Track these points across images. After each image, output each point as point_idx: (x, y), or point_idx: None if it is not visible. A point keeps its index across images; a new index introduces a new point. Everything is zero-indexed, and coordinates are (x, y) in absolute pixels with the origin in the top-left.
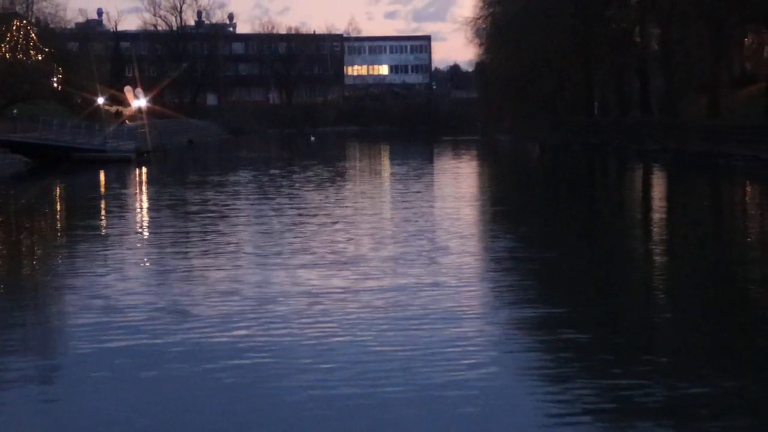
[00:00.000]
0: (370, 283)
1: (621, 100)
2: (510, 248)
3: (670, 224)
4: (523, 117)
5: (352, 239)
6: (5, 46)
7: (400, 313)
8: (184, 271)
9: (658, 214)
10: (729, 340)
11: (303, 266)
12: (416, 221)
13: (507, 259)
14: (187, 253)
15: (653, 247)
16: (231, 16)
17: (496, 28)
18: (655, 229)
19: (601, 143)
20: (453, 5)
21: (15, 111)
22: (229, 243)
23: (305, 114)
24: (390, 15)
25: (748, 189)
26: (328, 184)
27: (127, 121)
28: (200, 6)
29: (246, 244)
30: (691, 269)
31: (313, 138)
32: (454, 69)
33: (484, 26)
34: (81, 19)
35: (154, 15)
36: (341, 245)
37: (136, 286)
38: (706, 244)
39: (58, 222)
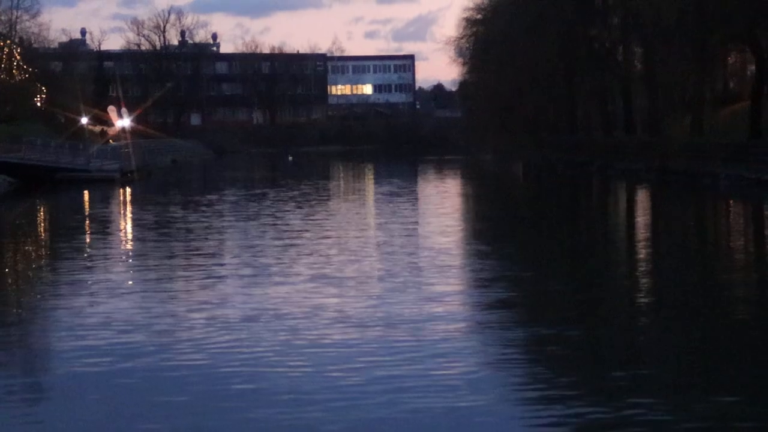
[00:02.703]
0: (348, 306)
1: (605, 119)
2: (492, 269)
3: (652, 245)
4: (507, 136)
5: (329, 263)
6: None
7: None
8: (164, 292)
9: (641, 235)
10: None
11: (280, 285)
12: (394, 244)
13: (488, 279)
14: (168, 274)
15: (636, 268)
16: (214, 36)
17: (479, 48)
18: (638, 250)
19: (585, 162)
20: (433, 24)
21: None
22: (212, 264)
23: (289, 134)
24: (370, 34)
25: (732, 208)
26: (308, 205)
27: (110, 141)
28: (183, 25)
29: (227, 266)
30: (674, 290)
31: (291, 158)
32: (438, 88)
33: (467, 46)
34: (64, 39)
35: (138, 34)
36: (318, 269)
37: (113, 309)
38: (690, 265)
39: (41, 243)
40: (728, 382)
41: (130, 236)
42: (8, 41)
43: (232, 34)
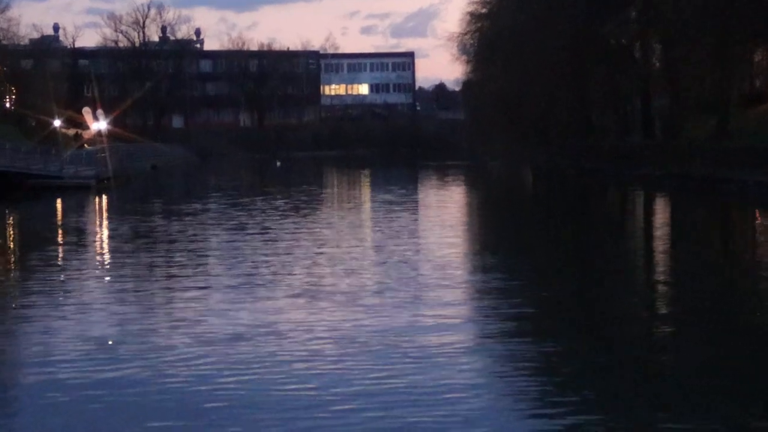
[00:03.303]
0: (349, 322)
1: (620, 122)
2: (499, 283)
3: (674, 260)
4: (514, 140)
5: (321, 277)
6: None
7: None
8: (143, 308)
9: (660, 247)
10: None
11: (267, 301)
12: (395, 259)
13: (494, 295)
14: (147, 289)
15: (655, 284)
16: (198, 32)
17: (484, 45)
18: (658, 265)
19: (599, 168)
20: (434, 19)
21: None
22: (195, 278)
23: (278, 137)
24: (366, 30)
25: (763, 219)
26: (298, 215)
27: (86, 145)
28: (164, 21)
29: (210, 281)
30: (694, 309)
31: (279, 163)
32: (440, 88)
33: (471, 42)
34: (36, 35)
35: (115, 30)
36: (311, 284)
37: (87, 327)
38: (712, 281)
39: (9, 256)
40: (748, 403)
41: (106, 248)
42: None
43: (216, 29)
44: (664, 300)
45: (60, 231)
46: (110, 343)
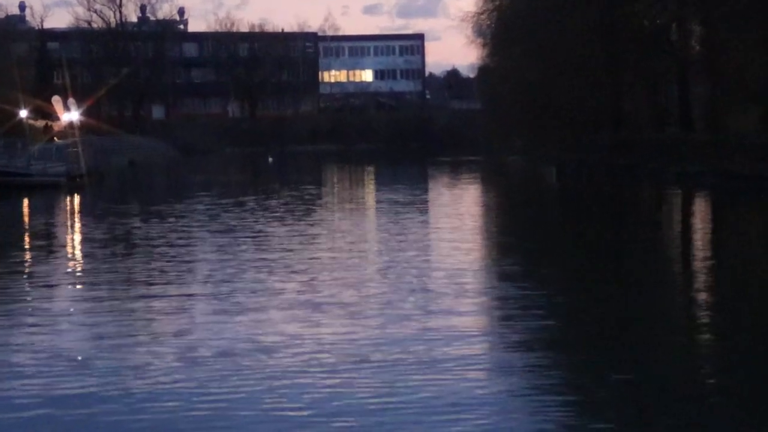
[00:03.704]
0: (354, 335)
1: (656, 113)
2: (520, 295)
3: (714, 268)
4: (536, 133)
5: (320, 287)
6: None
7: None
8: (119, 322)
9: (700, 254)
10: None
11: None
12: (403, 272)
13: (515, 308)
14: (125, 301)
15: (698, 298)
16: (181, 11)
17: (502, 26)
18: (697, 276)
19: (632, 165)
20: None
21: None
22: (178, 288)
23: (272, 130)
24: (370, 9)
25: None
26: (294, 217)
27: (56, 138)
28: None
29: (194, 290)
30: (736, 326)
31: (271, 159)
32: (453, 74)
33: (488, 23)
34: (0, 15)
35: (88, 9)
36: (312, 295)
37: (56, 343)
38: (759, 294)
39: None
40: None
41: (78, 254)
42: None
43: (202, 9)
44: (701, 315)
45: (26, 234)
46: (79, 359)
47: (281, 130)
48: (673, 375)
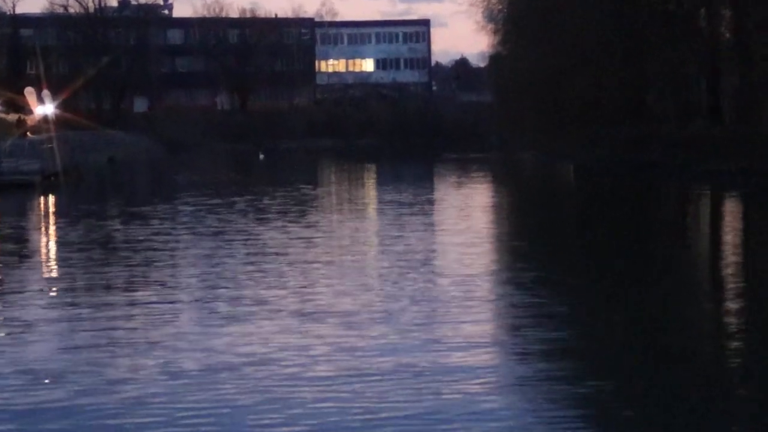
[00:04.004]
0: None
1: (681, 106)
2: (533, 304)
3: (749, 279)
4: (552, 128)
5: (317, 296)
6: None
7: None
8: (98, 334)
9: (729, 259)
10: None
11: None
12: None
13: (528, 317)
14: (104, 310)
15: (725, 309)
16: None
17: (515, 10)
18: (730, 287)
19: (655, 162)
20: None
21: None
22: (162, 297)
23: (264, 124)
24: None
25: None
26: (288, 219)
27: (29, 134)
28: None
29: (179, 298)
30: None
31: (262, 156)
32: (461, 64)
33: (499, 7)
34: None
35: None
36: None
37: (27, 356)
38: None
39: None
40: None
41: (52, 259)
42: None
43: None
44: (730, 327)
45: None
46: (56, 377)
47: (274, 125)
48: (699, 389)
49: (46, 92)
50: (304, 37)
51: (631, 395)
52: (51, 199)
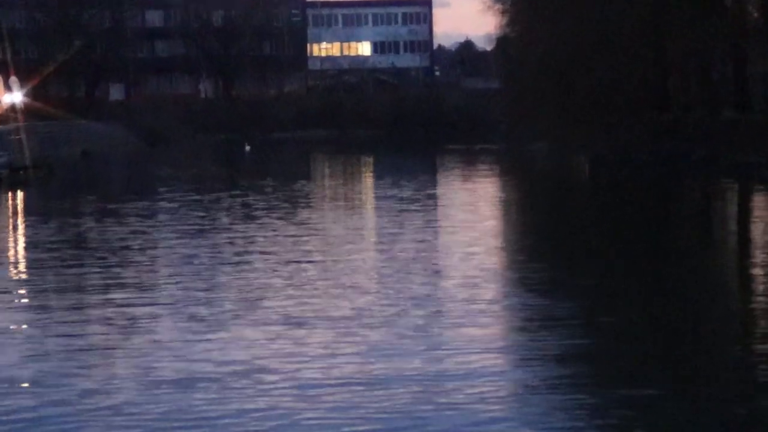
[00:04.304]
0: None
1: (708, 92)
2: (545, 308)
3: None
4: (567, 117)
5: (309, 300)
6: None
7: None
8: (70, 340)
9: (759, 260)
10: None
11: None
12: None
13: (538, 322)
14: (77, 315)
15: (759, 317)
16: None
17: None
18: (757, 287)
19: (679, 153)
20: None
21: None
22: (140, 301)
23: (252, 113)
24: None
25: None
26: (276, 217)
27: None
28: None
29: (159, 302)
30: None
31: (249, 147)
32: (466, 47)
33: None
34: None
35: None
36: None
37: None
38: None
39: None
40: None
41: (21, 261)
42: None
43: None
44: (758, 330)
45: None
46: (25, 386)
47: (263, 114)
48: (718, 395)
49: (13, 79)
50: (294, 18)
51: (649, 411)
52: (19, 195)
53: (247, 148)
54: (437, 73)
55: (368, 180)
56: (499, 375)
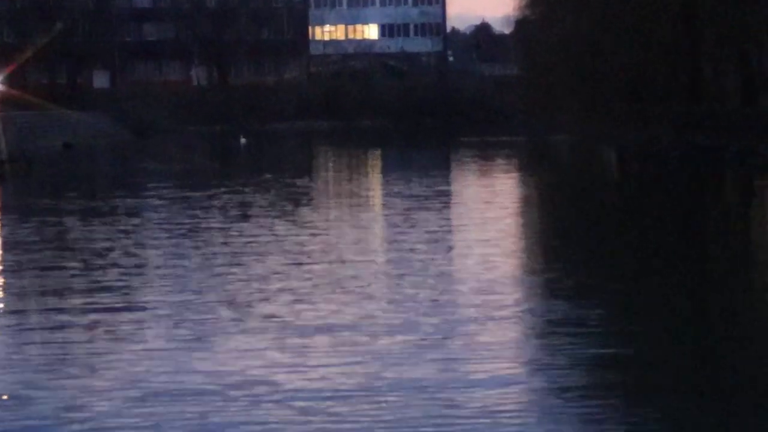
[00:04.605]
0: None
1: (745, 81)
2: (569, 313)
3: None
4: (591, 106)
5: (313, 307)
6: None
7: None
8: (49, 349)
9: None
10: None
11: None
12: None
13: (561, 326)
14: (57, 322)
15: None
16: None
17: None
18: None
19: (714, 146)
20: None
21: None
22: (125, 307)
23: (248, 102)
24: None
25: None
26: (275, 216)
27: None
28: None
29: (148, 309)
30: None
31: (244, 140)
32: (482, 30)
33: None
34: None
35: None
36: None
37: None
38: None
39: None
40: None
41: None
42: None
43: None
44: None
45: None
46: (4, 398)
47: (260, 103)
48: (757, 406)
49: None
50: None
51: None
52: None
53: (243, 140)
54: (451, 59)
55: (376, 176)
56: (514, 383)
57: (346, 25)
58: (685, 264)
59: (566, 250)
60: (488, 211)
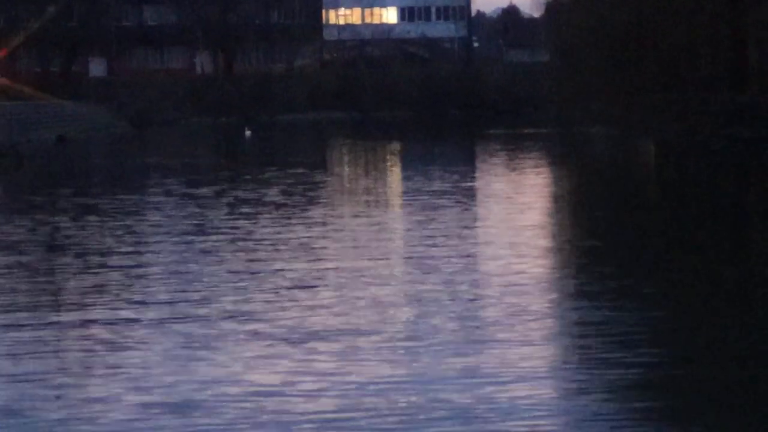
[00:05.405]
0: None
1: None
2: (607, 319)
3: None
4: (628, 96)
5: (326, 311)
6: None
7: None
8: (42, 353)
9: None
10: None
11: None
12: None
13: (603, 339)
14: (51, 324)
15: None
16: None
17: None
18: None
19: (761, 139)
20: None
21: None
22: (124, 311)
23: (256, 92)
24: None
25: None
26: (284, 214)
27: None
28: None
29: (148, 314)
30: None
31: (249, 132)
32: (509, 14)
33: None
34: None
35: None
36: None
37: None
38: None
39: None
40: None
41: None
42: None
43: None
44: None
45: None
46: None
47: (269, 93)
48: None
49: None
50: None
51: None
52: None
53: (248, 133)
54: (476, 45)
55: (395, 171)
56: (551, 406)
57: (363, 8)
58: (728, 265)
59: (603, 251)
60: (518, 209)
